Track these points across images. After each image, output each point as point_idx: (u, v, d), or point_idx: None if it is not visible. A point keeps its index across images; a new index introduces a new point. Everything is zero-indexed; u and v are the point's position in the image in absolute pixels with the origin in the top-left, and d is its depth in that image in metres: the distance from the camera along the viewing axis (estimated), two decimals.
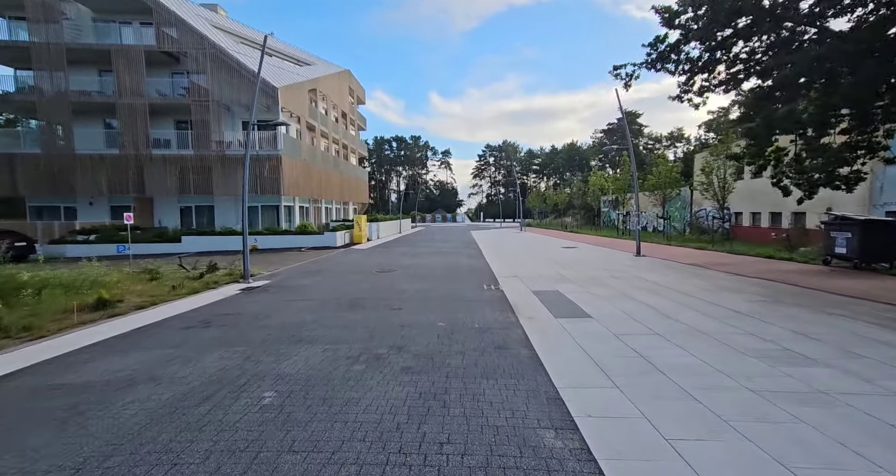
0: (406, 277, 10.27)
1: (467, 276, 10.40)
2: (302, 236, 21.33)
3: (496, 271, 11.24)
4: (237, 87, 23.01)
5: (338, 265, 13.09)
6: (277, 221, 24.84)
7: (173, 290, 8.22)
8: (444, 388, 3.69)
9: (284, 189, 23.51)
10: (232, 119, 24.92)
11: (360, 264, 13.23)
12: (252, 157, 23.98)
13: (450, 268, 12.13)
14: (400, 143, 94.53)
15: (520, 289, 8.59)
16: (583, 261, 13.37)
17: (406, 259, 14.60)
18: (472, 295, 8.02)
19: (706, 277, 9.49)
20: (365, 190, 45.62)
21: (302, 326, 5.75)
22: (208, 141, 23.00)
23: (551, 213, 50.11)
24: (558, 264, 12.48)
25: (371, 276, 10.62)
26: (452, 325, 5.78)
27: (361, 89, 44.84)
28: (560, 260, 13.68)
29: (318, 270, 11.76)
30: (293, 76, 26.83)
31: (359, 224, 23.65)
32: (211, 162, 22.91)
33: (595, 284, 8.89)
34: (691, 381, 3.71)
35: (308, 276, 10.56)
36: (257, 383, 3.78)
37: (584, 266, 12.00)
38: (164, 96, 23.27)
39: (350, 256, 15.89)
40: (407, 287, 8.86)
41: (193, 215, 24.82)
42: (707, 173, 16.47)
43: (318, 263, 13.61)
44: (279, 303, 7.34)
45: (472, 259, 14.51)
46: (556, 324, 5.83)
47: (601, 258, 14.06)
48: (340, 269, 11.95)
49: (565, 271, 10.92)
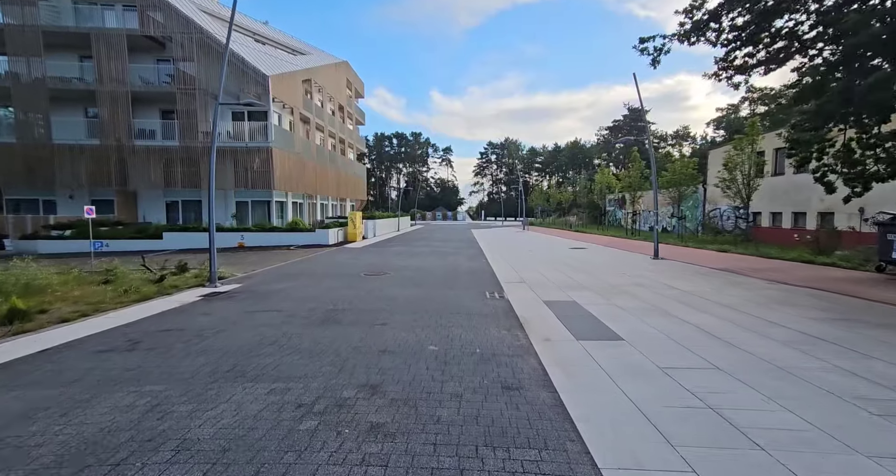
0: (398, 282, 8.98)
1: (467, 281, 9.11)
2: (292, 233, 20.06)
3: (500, 275, 9.95)
4: (227, 73, 21.65)
5: (324, 266, 11.81)
6: (268, 217, 23.59)
7: (121, 297, 6.95)
8: (430, 468, 2.41)
9: (276, 183, 22.25)
10: (221, 108, 23.60)
11: (349, 265, 11.94)
12: (241, 149, 22.77)
13: (448, 271, 10.84)
14: (400, 139, 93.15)
15: (528, 298, 7.30)
16: (596, 263, 12.07)
17: (401, 260, 13.32)
18: (473, 306, 6.73)
19: (746, 286, 8.18)
20: (363, 186, 44.31)
21: (253, 351, 4.47)
22: (195, 131, 21.72)
23: (554, 212, 48.79)
24: (569, 267, 11.18)
25: (358, 280, 9.33)
26: (447, 350, 4.50)
27: (360, 82, 43.50)
28: (570, 262, 12.38)
29: (300, 272, 10.47)
30: (286, 65, 25.51)
31: (353, 221, 22.37)
32: (198, 154, 21.64)
33: (617, 293, 7.60)
34: (806, 462, 2.43)
35: (286, 279, 9.28)
36: (140, 459, 2.49)
37: (599, 270, 10.69)
38: (148, 84, 21.96)
39: (340, 256, 14.62)
40: (397, 294, 7.57)
41: (180, 210, 23.58)
42: (730, 169, 15.12)
43: (304, 264, 12.33)
44: (238, 315, 6.06)
45: (473, 260, 13.22)
46: (579, 349, 4.54)
47: (616, 261, 12.75)
48: (325, 271, 10.66)
49: (579, 276, 9.62)
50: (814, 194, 17.54)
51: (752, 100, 52.20)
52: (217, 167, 22.24)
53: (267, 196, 23.51)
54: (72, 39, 21.18)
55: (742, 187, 14.78)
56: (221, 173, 21.88)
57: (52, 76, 21.15)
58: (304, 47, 33.63)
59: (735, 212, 23.16)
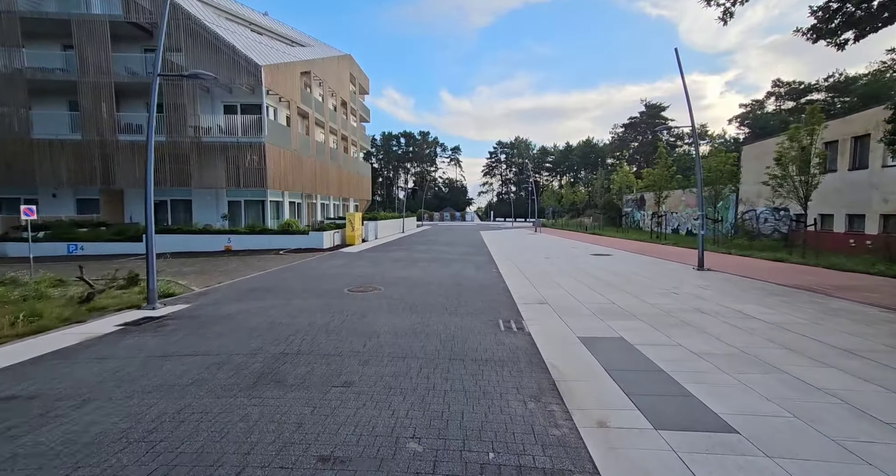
0: (387, 303, 7.11)
1: (475, 302, 7.20)
2: (284, 236, 18.36)
3: (515, 292, 8.02)
4: (216, 64, 20.07)
5: (306, 277, 10.00)
6: (263, 218, 21.96)
7: (11, 325, 5.20)
8: None
9: (270, 182, 20.61)
10: (211, 102, 22.06)
11: (336, 276, 10.11)
12: (231, 144, 21.15)
13: (452, 285, 8.94)
14: (408, 138, 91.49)
15: (557, 331, 5.38)
16: (629, 275, 10.06)
17: (398, 269, 11.46)
18: (483, 345, 4.83)
19: (854, 316, 6.08)
20: (367, 186, 42.65)
21: (89, 460, 2.62)
22: (184, 126, 20.14)
23: (567, 213, 46.52)
24: (599, 281, 9.20)
25: (339, 298, 7.48)
26: (438, 452, 2.61)
27: (365, 78, 41.84)
28: (598, 274, 10.39)
29: (272, 286, 8.66)
30: (282, 55, 23.87)
31: (351, 223, 20.59)
32: (187, 150, 20.09)
33: (676, 325, 5.63)
34: None
35: (250, 297, 7.47)
36: None
37: (637, 285, 8.70)
38: (133, 75, 20.44)
39: (330, 263, 12.82)
40: (381, 325, 5.70)
41: (169, 210, 22.07)
42: (784, 164, 12.93)
43: (284, 273, 10.53)
44: (141, 364, 4.22)
45: (482, 270, 11.30)
46: (668, 459, 2.60)
47: (653, 272, 10.72)
48: (304, 285, 8.84)
49: (615, 295, 7.65)
50: (875, 194, 15.27)
51: (779, 95, 49.30)
52: (207, 164, 20.76)
53: (261, 195, 21.89)
54: (53, 27, 19.78)
55: (799, 185, 12.56)
56: (212, 171, 20.35)
57: (32, 67, 19.78)
58: (305, 39, 32.05)
59: (774, 214, 20.87)
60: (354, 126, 38.51)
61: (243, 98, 22.05)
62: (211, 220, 21.39)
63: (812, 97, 46.71)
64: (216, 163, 20.42)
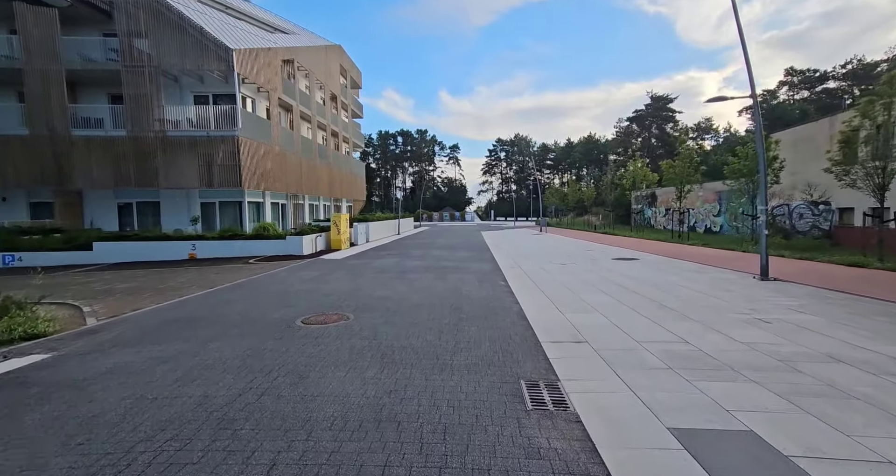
0: (350, 347, 4.82)
1: (480, 341, 4.92)
2: (258, 242, 16.08)
3: (535, 320, 5.75)
4: (181, 48, 17.82)
5: (255, 299, 7.71)
6: (240, 222, 19.69)
7: None
8: None
9: (245, 180, 18.32)
10: (180, 92, 19.81)
11: (298, 296, 7.83)
12: (202, 139, 18.83)
13: (448, 310, 6.66)
14: (406, 137, 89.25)
15: (625, 411, 3.09)
16: (678, 290, 7.78)
17: (381, 284, 9.17)
18: (502, 459, 2.55)
19: None
20: (361, 185, 40.36)
21: None
22: (148, 119, 17.86)
23: (572, 211, 44.22)
24: (644, 299, 6.93)
25: (280, 339, 5.19)
26: None
27: (357, 71, 39.57)
28: (635, 287, 8.11)
29: (199, 316, 6.36)
30: (259, 40, 21.58)
31: (336, 225, 18.29)
32: (152, 145, 17.82)
33: (822, 394, 3.34)
34: None
35: (151, 340, 5.18)
36: None
37: (701, 307, 6.41)
38: (89, 61, 18.15)
39: (300, 275, 10.52)
40: (327, 399, 3.41)
41: (135, 214, 19.80)
42: (853, 147, 10.59)
43: (231, 293, 8.25)
44: None
45: (487, 284, 9.02)
46: None
47: (705, 284, 8.42)
48: (246, 312, 6.56)
49: (681, 327, 5.36)
50: None
51: (792, 84, 46.99)
52: (175, 161, 18.42)
53: (238, 196, 19.62)
54: None
55: (873, 173, 10.19)
56: (181, 169, 18.07)
57: None
58: (289, 27, 29.77)
59: (812, 208, 18.57)
60: (346, 122, 36.21)
61: (216, 87, 19.79)
62: (182, 225, 19.12)
63: (828, 86, 44.50)
64: (185, 160, 18.14)
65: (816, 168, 17.80)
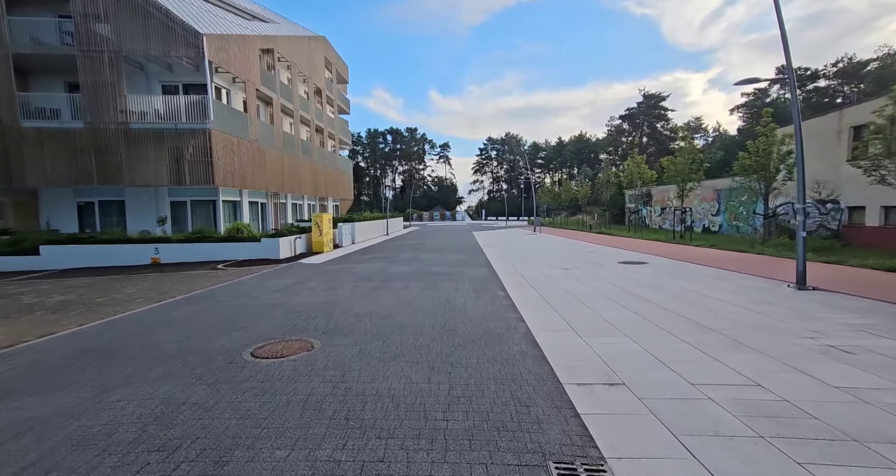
0: (306, 393, 3.54)
1: (483, 384, 3.68)
2: (230, 244, 14.62)
3: (549, 348, 4.55)
4: (146, 33, 16.24)
5: (204, 318, 6.36)
6: (214, 222, 18.18)
7: None
8: None
9: (218, 177, 16.82)
10: (146, 80, 18.20)
11: (259, 313, 6.50)
12: (169, 131, 17.25)
13: (438, 332, 5.41)
14: (395, 135, 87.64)
15: None
16: (709, 303, 6.65)
17: (361, 295, 7.88)
18: None
19: None
20: (348, 184, 38.84)
21: None
22: (109, 109, 16.24)
23: (565, 210, 43.31)
24: (676, 317, 5.78)
25: (213, 385, 3.87)
26: None
27: (343, 65, 38.03)
28: (657, 299, 6.97)
29: (122, 346, 5.00)
30: (233, 27, 20.04)
31: (318, 226, 16.89)
32: (114, 139, 16.23)
33: None
34: None
35: (37, 385, 3.83)
36: None
37: (748, 329, 5.28)
38: (41, 45, 16.44)
39: (269, 285, 9.17)
40: None
41: (97, 214, 18.12)
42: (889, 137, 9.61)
43: (179, 309, 6.88)
44: None
45: (484, 295, 7.80)
46: None
47: (735, 295, 7.32)
48: (185, 338, 5.22)
49: (740, 359, 4.20)
50: None
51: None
52: (140, 156, 16.77)
53: (212, 195, 18.10)
54: None
55: None
56: (147, 164, 16.50)
57: None
58: (269, 15, 28.15)
59: (819, 207, 17.76)
60: (332, 118, 34.68)
61: (186, 76, 18.24)
62: (149, 226, 17.56)
63: (819, 84, 44.37)
64: (152, 155, 16.56)
65: (823, 165, 17.07)
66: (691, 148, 19.04)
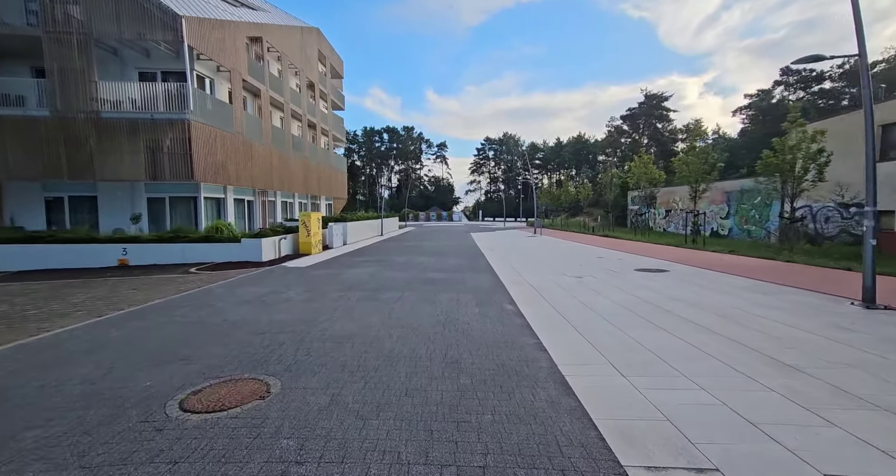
0: None
1: (507, 465, 2.49)
2: (208, 245, 13.33)
3: (590, 400, 3.33)
4: (118, 13, 14.90)
5: (140, 343, 5.11)
6: (195, 221, 16.87)
7: None
8: None
9: (197, 172, 15.52)
10: (121, 67, 16.85)
11: (212, 337, 5.26)
12: (145, 121, 15.90)
13: (438, 368, 4.19)
14: (392, 134, 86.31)
15: None
16: (770, 325, 5.50)
17: (343, 314, 6.63)
18: None
19: None
20: (342, 182, 37.51)
21: None
22: (79, 97, 14.90)
23: (565, 211, 42.22)
24: (736, 344, 4.61)
25: (105, 466, 2.64)
26: None
27: (338, 59, 36.75)
28: (703, 319, 5.80)
29: (13, 386, 3.77)
30: (217, 11, 18.72)
31: (305, 226, 15.61)
32: (84, 129, 14.91)
33: None
34: None
35: None
36: None
37: (850, 368, 4.10)
38: (3, 25, 15.02)
39: (242, 294, 7.91)
40: None
41: (66, 210, 16.73)
42: None
43: (115, 328, 5.61)
44: None
45: (490, 310, 6.59)
46: None
47: (794, 314, 6.17)
48: (96, 379, 3.96)
49: (864, 419, 3.03)
50: None
51: (788, 84, 45.99)
52: (114, 148, 15.33)
53: (192, 191, 16.80)
54: None
55: None
56: (121, 157, 15.16)
57: None
58: (258, 3, 26.80)
59: (841, 210, 16.74)
60: (325, 113, 33.36)
61: (166, 63, 16.89)
62: (124, 224, 16.22)
63: (824, 86, 43.59)
64: (127, 147, 15.23)
65: (847, 166, 16.02)
66: (705, 146, 17.95)
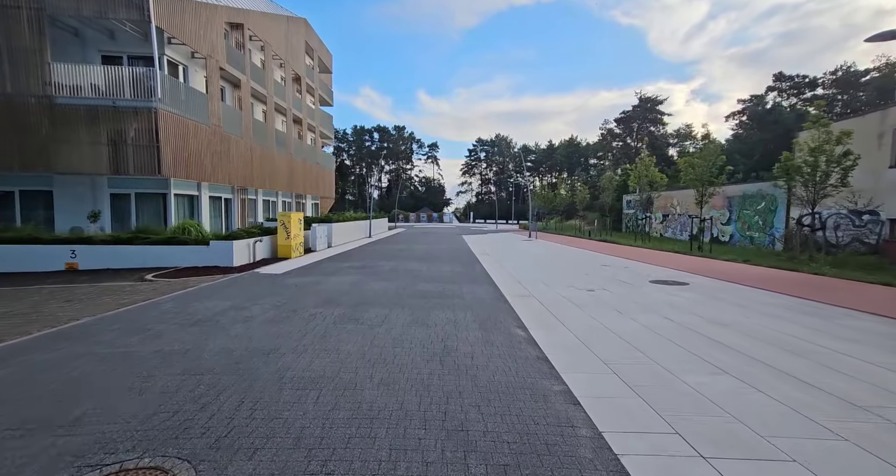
0: None
1: None
2: (171, 248, 11.85)
3: None
4: None
5: (22, 392, 3.77)
6: (165, 220, 15.38)
7: None
8: None
9: (166, 167, 14.06)
10: (82, 49, 15.26)
11: (130, 380, 3.93)
12: (106, 109, 14.33)
13: (433, 446, 2.93)
14: (382, 133, 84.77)
15: None
16: (847, 362, 4.39)
17: (315, 341, 5.33)
18: None
19: None
20: (330, 181, 36.03)
21: None
22: (30, 79, 13.35)
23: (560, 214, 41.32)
24: (840, 402, 3.49)
25: None
26: None
27: (326, 53, 35.30)
28: (768, 356, 4.68)
29: None
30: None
31: (285, 226, 14.19)
32: (36, 115, 13.36)
33: None
34: None
35: None
36: None
37: None
38: None
39: (193, 311, 6.54)
40: None
41: (17, 206, 15.06)
42: None
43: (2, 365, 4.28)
44: None
45: (495, 336, 5.37)
46: None
47: (860, 342, 5.08)
48: None
49: None
50: None
51: (781, 90, 45.88)
52: (70, 138, 13.37)
53: (162, 187, 15.31)
54: None
55: None
56: (77, 148, 13.63)
57: None
58: None
59: (853, 218, 15.95)
60: (312, 108, 31.88)
61: (132, 47, 15.37)
62: (82, 222, 14.64)
63: (817, 92, 43.59)
64: (86, 137, 13.69)
65: (860, 171, 15.09)
66: (714, 147, 17.04)
